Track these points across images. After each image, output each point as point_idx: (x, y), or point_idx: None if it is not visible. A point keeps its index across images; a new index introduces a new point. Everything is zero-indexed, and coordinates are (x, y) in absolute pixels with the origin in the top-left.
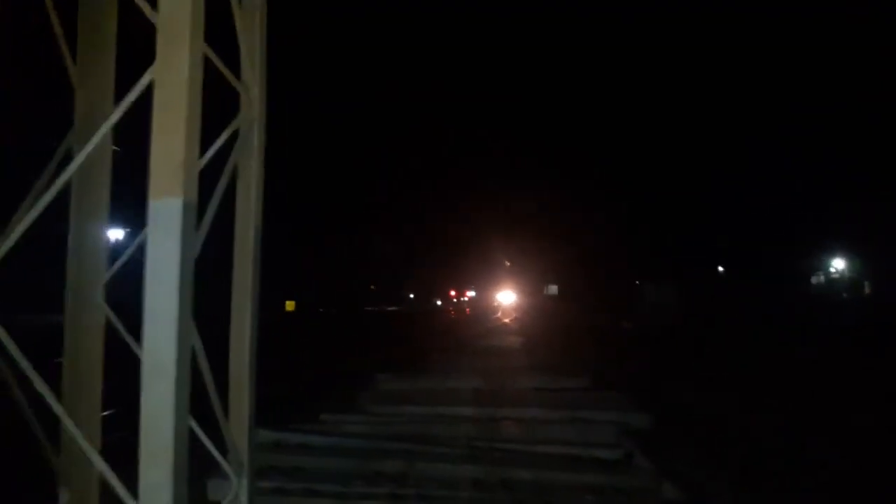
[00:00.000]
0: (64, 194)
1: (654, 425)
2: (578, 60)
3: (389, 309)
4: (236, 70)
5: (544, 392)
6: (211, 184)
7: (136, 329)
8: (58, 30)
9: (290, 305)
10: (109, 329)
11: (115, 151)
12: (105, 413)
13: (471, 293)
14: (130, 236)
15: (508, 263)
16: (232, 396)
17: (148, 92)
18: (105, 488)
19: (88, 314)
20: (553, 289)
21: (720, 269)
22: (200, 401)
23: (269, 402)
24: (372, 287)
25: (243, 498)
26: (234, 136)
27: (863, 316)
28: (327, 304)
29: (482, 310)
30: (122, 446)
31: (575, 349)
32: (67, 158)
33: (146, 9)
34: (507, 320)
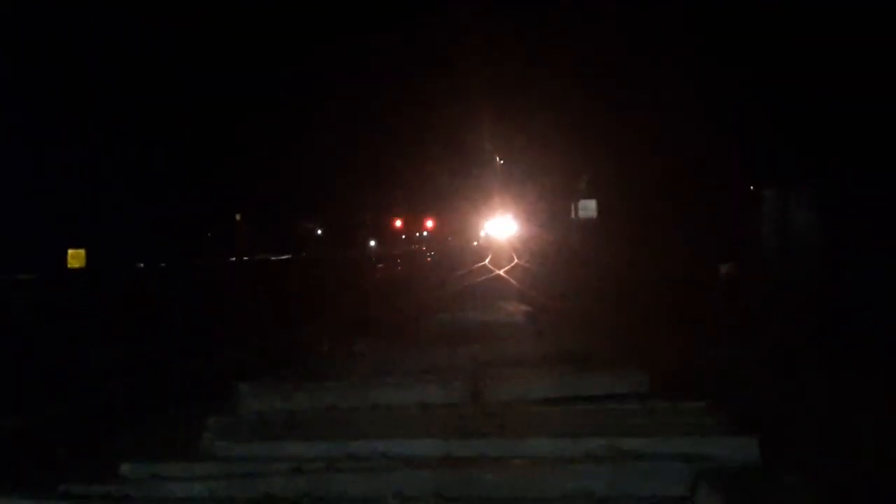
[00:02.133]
0: None
1: (764, 460)
2: None
3: (274, 259)
4: None
5: (566, 404)
6: None
7: None
8: None
9: (75, 258)
10: None
11: None
12: None
13: (430, 224)
14: None
15: (502, 161)
16: None
17: None
18: None
19: None
20: (588, 208)
21: None
22: None
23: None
24: (237, 218)
25: None
26: None
27: None
28: (153, 255)
29: (453, 256)
30: None
31: (626, 320)
32: None
33: None
34: (500, 271)
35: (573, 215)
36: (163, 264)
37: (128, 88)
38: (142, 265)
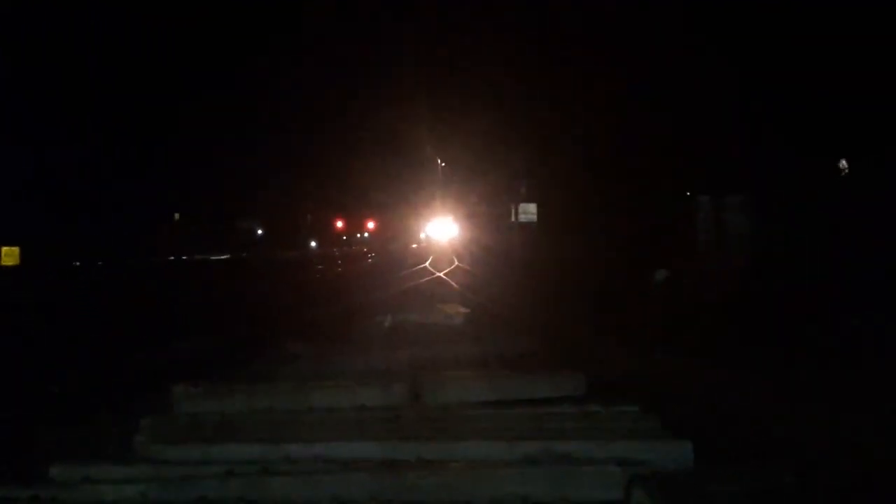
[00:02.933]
0: None
1: (697, 464)
2: None
3: (213, 259)
4: None
5: (503, 408)
6: None
7: None
8: None
9: (8, 256)
10: None
11: None
12: None
13: (371, 224)
14: None
15: (443, 164)
16: None
17: None
18: None
19: None
20: (528, 211)
21: (843, 163)
22: None
23: None
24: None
25: None
26: None
27: None
28: (92, 254)
29: (394, 258)
30: None
31: (563, 324)
32: None
33: None
34: (440, 273)
35: (513, 218)
36: (99, 263)
37: (70, 83)
38: (77, 263)
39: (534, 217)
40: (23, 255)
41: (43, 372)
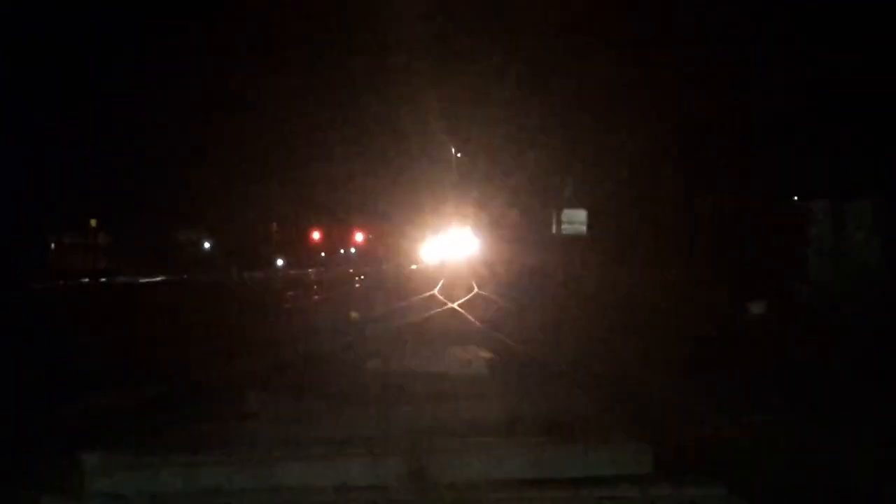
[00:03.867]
0: None
1: None
2: None
3: (143, 282)
4: None
5: (537, 490)
6: None
7: None
8: None
9: None
10: None
11: None
12: None
13: (359, 237)
14: None
15: (459, 154)
16: None
17: None
18: None
19: None
20: (575, 220)
21: None
22: None
23: None
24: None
25: None
26: None
27: None
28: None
29: (391, 282)
30: None
31: (622, 373)
32: None
33: None
34: (454, 304)
35: (554, 230)
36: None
37: None
38: None
39: (583, 228)
40: None
41: None
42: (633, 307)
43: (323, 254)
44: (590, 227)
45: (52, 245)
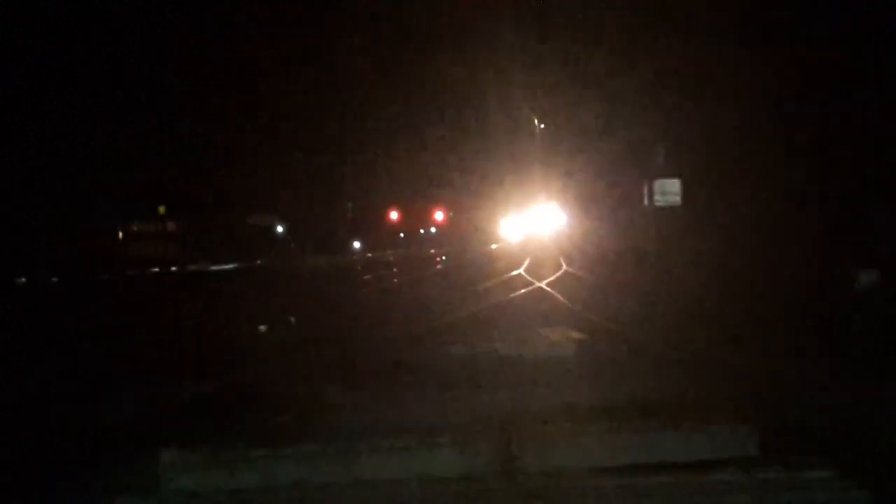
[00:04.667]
0: None
1: None
2: None
3: (214, 270)
4: None
5: (638, 476)
6: None
7: None
8: None
9: None
10: None
11: None
12: None
13: (440, 216)
14: None
15: (542, 126)
16: None
17: None
18: None
19: None
20: (669, 191)
21: None
22: None
23: None
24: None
25: None
26: None
27: None
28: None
29: (474, 262)
30: None
31: (722, 352)
32: None
33: None
34: (542, 283)
35: (646, 201)
36: (54, 279)
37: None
38: (24, 280)
39: (677, 199)
40: None
41: None
42: (731, 282)
43: (402, 234)
44: (684, 197)
45: (120, 234)
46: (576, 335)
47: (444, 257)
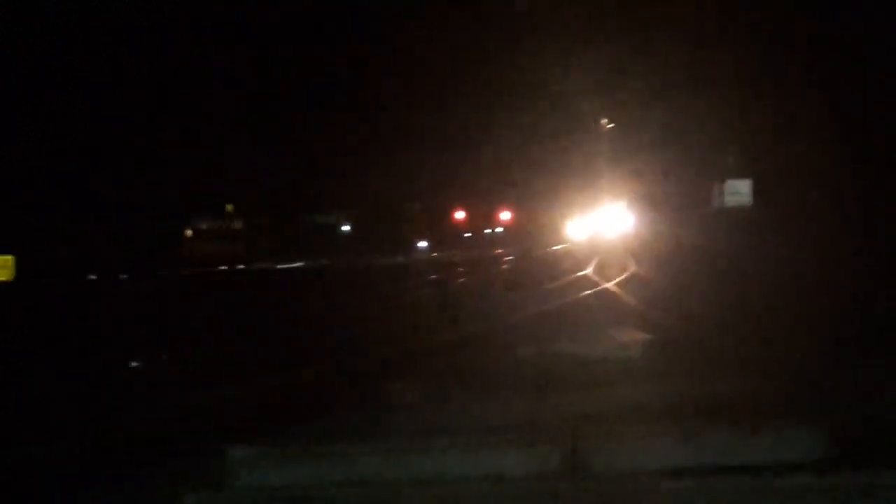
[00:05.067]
0: None
1: None
2: None
3: (280, 268)
4: None
5: (708, 478)
6: None
7: None
8: None
9: (1, 268)
10: None
11: None
12: None
13: (506, 216)
14: None
15: (609, 125)
16: None
17: None
18: None
19: None
20: (739, 191)
21: None
22: None
23: None
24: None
25: None
26: None
27: None
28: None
29: (541, 260)
30: None
31: (794, 355)
32: None
33: None
34: (609, 284)
35: (717, 202)
36: (124, 276)
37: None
38: (94, 277)
39: (747, 198)
40: (19, 266)
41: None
42: (803, 286)
43: (468, 234)
44: (755, 197)
45: (189, 232)
46: (643, 336)
47: (510, 257)
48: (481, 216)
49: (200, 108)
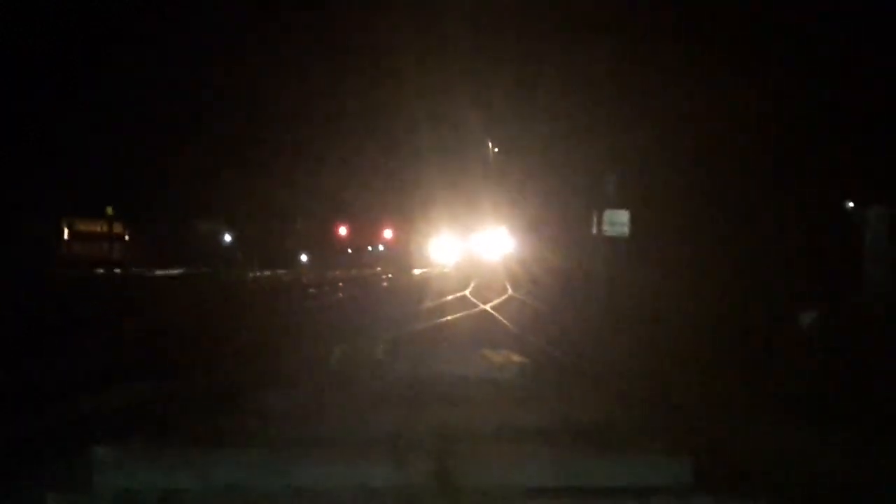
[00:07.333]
0: None
1: None
2: None
3: (160, 274)
4: None
5: (569, 498)
6: None
7: None
8: None
9: None
10: None
11: None
12: None
13: (388, 234)
14: None
15: (496, 149)
16: None
17: None
18: None
19: None
20: (617, 221)
21: None
22: None
23: None
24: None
25: None
26: None
27: None
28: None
29: (421, 279)
30: None
31: (663, 382)
32: None
33: None
34: (486, 306)
35: (595, 230)
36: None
37: None
38: None
39: (625, 229)
40: None
41: None
42: (674, 315)
43: (350, 250)
44: (633, 228)
45: (66, 231)
46: (516, 358)
47: (390, 275)
48: (365, 233)
49: (89, 107)
